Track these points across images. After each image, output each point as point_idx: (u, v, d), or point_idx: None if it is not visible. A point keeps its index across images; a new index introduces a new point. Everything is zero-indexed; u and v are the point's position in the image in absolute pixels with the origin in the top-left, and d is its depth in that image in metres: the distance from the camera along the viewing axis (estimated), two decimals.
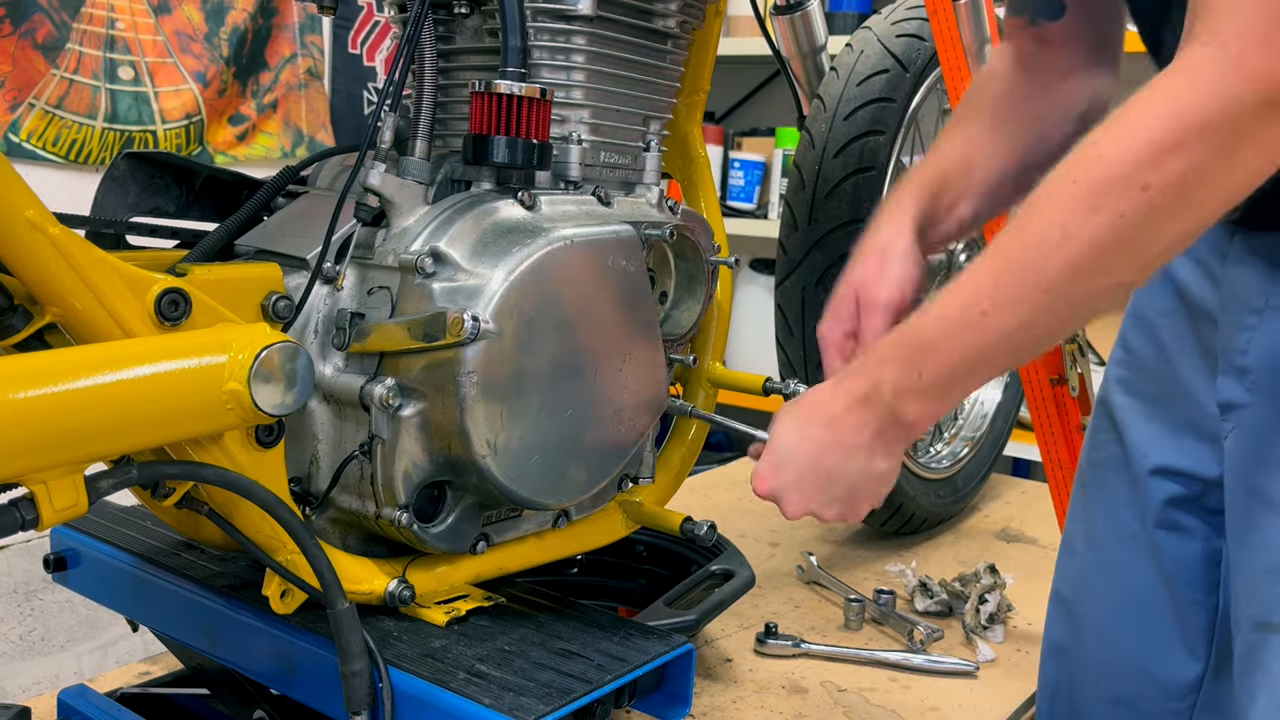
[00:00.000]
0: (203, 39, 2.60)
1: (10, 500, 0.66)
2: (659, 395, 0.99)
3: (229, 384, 0.71)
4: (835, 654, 1.19)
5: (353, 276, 0.88)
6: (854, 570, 1.45)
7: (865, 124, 1.33)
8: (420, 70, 0.92)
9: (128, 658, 2.19)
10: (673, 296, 1.07)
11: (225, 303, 0.78)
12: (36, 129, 2.34)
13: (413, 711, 0.79)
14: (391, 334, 0.83)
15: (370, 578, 0.87)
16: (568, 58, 0.94)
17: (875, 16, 1.45)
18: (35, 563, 2.04)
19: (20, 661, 2.12)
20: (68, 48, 2.37)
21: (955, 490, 1.66)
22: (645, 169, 1.03)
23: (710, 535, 1.06)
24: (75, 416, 0.65)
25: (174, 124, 2.56)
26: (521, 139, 0.87)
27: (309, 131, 2.86)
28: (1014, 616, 1.32)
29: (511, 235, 0.86)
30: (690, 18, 1.03)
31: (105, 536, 1.01)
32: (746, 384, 1.14)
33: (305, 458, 0.89)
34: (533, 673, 0.81)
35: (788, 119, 3.30)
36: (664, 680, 0.90)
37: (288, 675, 0.87)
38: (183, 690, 1.07)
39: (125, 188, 0.91)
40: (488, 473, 0.85)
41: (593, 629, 0.90)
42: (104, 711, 0.96)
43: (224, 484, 0.76)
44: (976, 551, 1.56)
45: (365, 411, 0.85)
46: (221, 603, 0.90)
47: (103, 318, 0.71)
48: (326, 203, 0.88)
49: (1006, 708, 1.11)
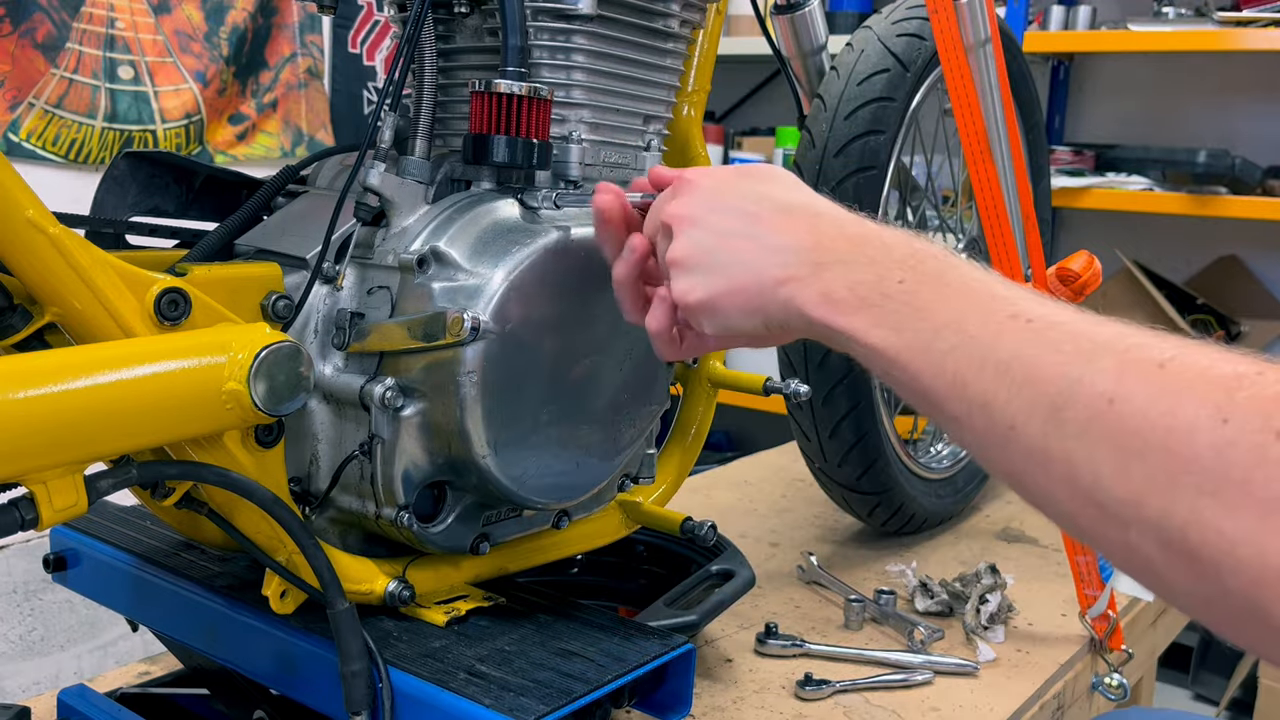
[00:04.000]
0: (202, 38, 2.60)
1: (10, 500, 0.66)
2: (659, 395, 0.99)
3: (229, 384, 0.71)
4: (835, 654, 1.19)
5: (352, 276, 0.88)
6: (854, 570, 1.45)
7: (866, 123, 1.33)
8: (420, 70, 0.92)
9: (128, 658, 2.19)
10: None
11: (225, 302, 0.78)
12: (36, 128, 2.34)
13: (413, 711, 0.79)
14: (391, 334, 0.83)
15: (370, 578, 0.87)
16: (568, 57, 0.94)
17: (875, 16, 1.45)
18: (35, 563, 2.04)
19: (20, 661, 2.12)
20: (68, 47, 2.37)
21: (956, 490, 1.66)
22: (645, 169, 1.03)
23: (710, 535, 1.06)
24: (75, 416, 0.65)
25: (174, 123, 2.56)
26: (521, 138, 0.87)
27: (309, 131, 2.86)
28: (1014, 617, 1.32)
29: (511, 235, 0.86)
30: (691, 17, 1.03)
31: (105, 536, 1.01)
32: (747, 384, 1.14)
33: (305, 458, 0.89)
34: (533, 673, 0.81)
35: (788, 118, 3.30)
36: (664, 680, 0.90)
37: (288, 675, 0.87)
38: (183, 690, 1.07)
39: (125, 187, 0.91)
40: (488, 473, 0.85)
41: (593, 629, 0.90)
42: (104, 711, 0.96)
43: (224, 484, 0.76)
44: (977, 551, 1.56)
45: (365, 411, 0.85)
46: (221, 603, 0.90)
47: (103, 317, 0.71)
48: (326, 202, 0.88)
49: (1007, 708, 1.11)
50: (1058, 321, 0.55)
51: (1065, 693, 1.21)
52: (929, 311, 0.60)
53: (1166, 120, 3.09)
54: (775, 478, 1.87)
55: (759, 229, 0.69)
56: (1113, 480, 0.49)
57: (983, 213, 1.27)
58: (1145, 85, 3.12)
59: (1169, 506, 0.47)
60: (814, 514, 1.68)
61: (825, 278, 0.65)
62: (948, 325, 0.59)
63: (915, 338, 0.60)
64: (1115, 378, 0.50)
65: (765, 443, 2.20)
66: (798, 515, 1.67)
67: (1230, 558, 0.45)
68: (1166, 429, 0.48)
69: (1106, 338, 0.53)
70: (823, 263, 0.65)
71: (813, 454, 1.43)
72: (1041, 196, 1.77)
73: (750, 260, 0.68)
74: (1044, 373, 0.53)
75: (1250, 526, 0.44)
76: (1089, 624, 1.25)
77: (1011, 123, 1.38)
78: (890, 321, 0.61)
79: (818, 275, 0.65)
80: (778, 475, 1.89)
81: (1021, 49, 1.69)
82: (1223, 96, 3.01)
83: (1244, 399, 0.46)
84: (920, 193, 1.58)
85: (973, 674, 1.18)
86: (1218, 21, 2.60)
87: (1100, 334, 0.53)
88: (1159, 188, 2.78)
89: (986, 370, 0.56)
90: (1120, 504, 0.49)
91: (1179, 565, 0.47)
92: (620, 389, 0.94)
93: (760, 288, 0.67)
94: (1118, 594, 1.24)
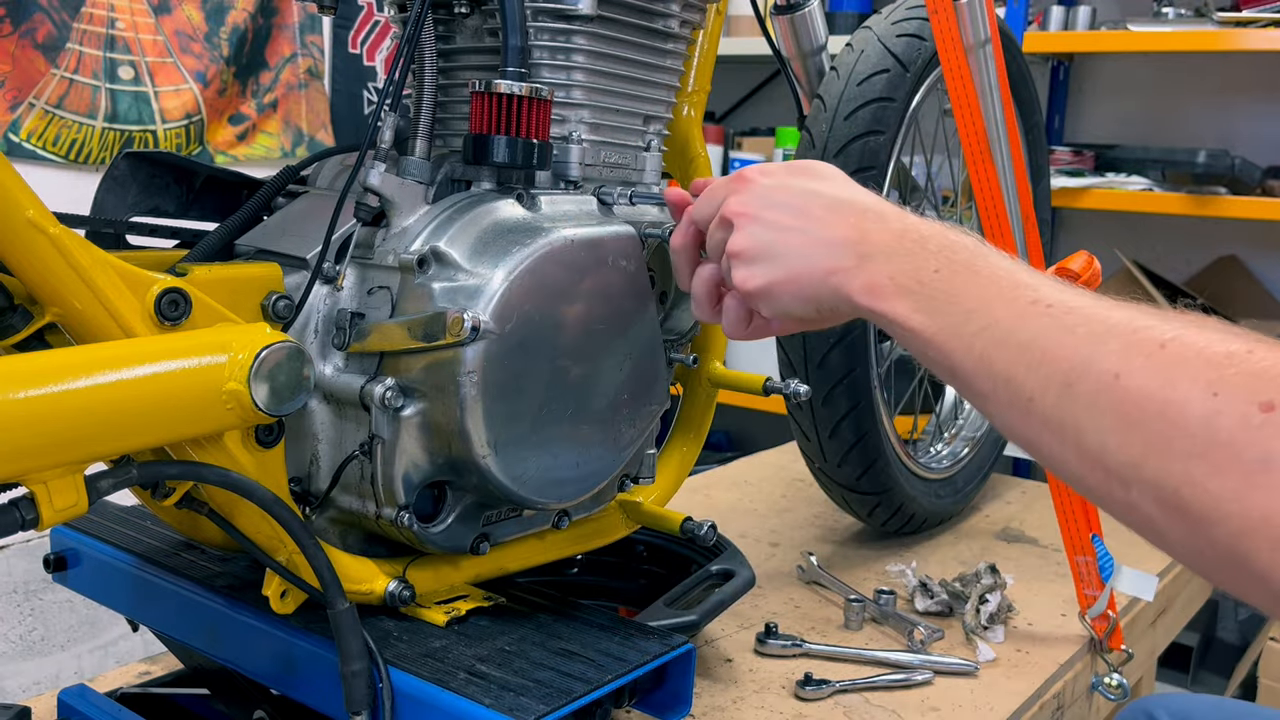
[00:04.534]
0: (203, 39, 2.60)
1: (10, 500, 0.66)
2: (659, 395, 0.99)
3: (229, 384, 0.71)
4: (835, 654, 1.19)
5: (353, 276, 0.88)
6: (854, 570, 1.45)
7: (865, 124, 1.33)
8: (420, 70, 0.92)
9: (128, 658, 2.19)
10: (673, 296, 1.07)
11: (225, 302, 0.78)
12: (36, 129, 2.34)
13: (413, 711, 0.79)
14: (391, 334, 0.83)
15: (370, 578, 0.87)
16: (568, 57, 0.94)
17: (875, 16, 1.45)
18: (35, 563, 2.04)
19: (20, 661, 2.12)
20: (68, 47, 2.37)
21: (956, 490, 1.66)
22: (645, 169, 1.03)
23: (710, 535, 1.06)
24: (75, 416, 0.65)
25: (174, 124, 2.56)
26: (521, 139, 0.87)
27: (309, 131, 2.86)
28: (1014, 617, 1.32)
29: (511, 235, 0.86)
30: (691, 17, 1.03)
31: (105, 536, 1.01)
32: (747, 384, 1.14)
33: (305, 458, 0.89)
34: (533, 673, 0.81)
35: (788, 119, 3.30)
36: (664, 680, 0.90)
37: (288, 675, 0.87)
38: (183, 690, 1.07)
39: (125, 187, 0.91)
40: (488, 473, 0.85)
41: (593, 629, 0.90)
42: (104, 711, 0.96)
43: (224, 484, 0.76)
44: (977, 551, 1.56)
45: (365, 411, 0.85)
46: (221, 603, 0.90)
47: (103, 318, 0.71)
48: (326, 202, 0.88)
49: (1007, 708, 1.11)
50: (1074, 307, 0.62)
51: (1065, 693, 1.21)
52: (960, 298, 0.67)
53: (1166, 120, 3.09)
54: (775, 478, 1.87)
55: (809, 223, 0.76)
56: (1116, 446, 0.56)
57: (983, 213, 1.27)
58: (1145, 85, 3.12)
59: (1165, 468, 0.54)
60: (814, 514, 1.68)
61: (869, 268, 0.72)
62: (976, 310, 0.66)
63: (948, 321, 0.67)
64: (1121, 356, 0.57)
65: (765, 443, 2.20)
66: (798, 515, 1.67)
67: (1216, 513, 0.51)
68: (1164, 401, 0.54)
69: (1117, 320, 0.59)
70: (867, 254, 0.72)
71: (813, 454, 1.43)
72: (1041, 196, 1.77)
73: (802, 252, 0.75)
74: (1059, 352, 0.60)
75: (1234, 486, 0.51)
76: (1089, 624, 1.26)
77: (1011, 123, 1.38)
78: (926, 307, 0.68)
79: (862, 266, 0.72)
80: (778, 475, 1.89)
81: (1021, 49, 1.69)
82: (1223, 97, 3.01)
83: (1232, 375, 0.52)
84: (920, 193, 1.58)
85: (972, 674, 1.18)
86: (1217, 21, 2.60)
87: (1112, 317, 0.59)
88: (1159, 188, 2.78)
89: (1009, 350, 0.63)
90: (1122, 466, 0.56)
91: (1173, 520, 0.54)
92: (620, 389, 0.94)
93: (812, 277, 0.75)
94: (1117, 594, 1.24)
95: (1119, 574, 1.23)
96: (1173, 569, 1.57)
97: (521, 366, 0.85)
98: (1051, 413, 0.60)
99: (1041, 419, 0.61)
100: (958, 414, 1.79)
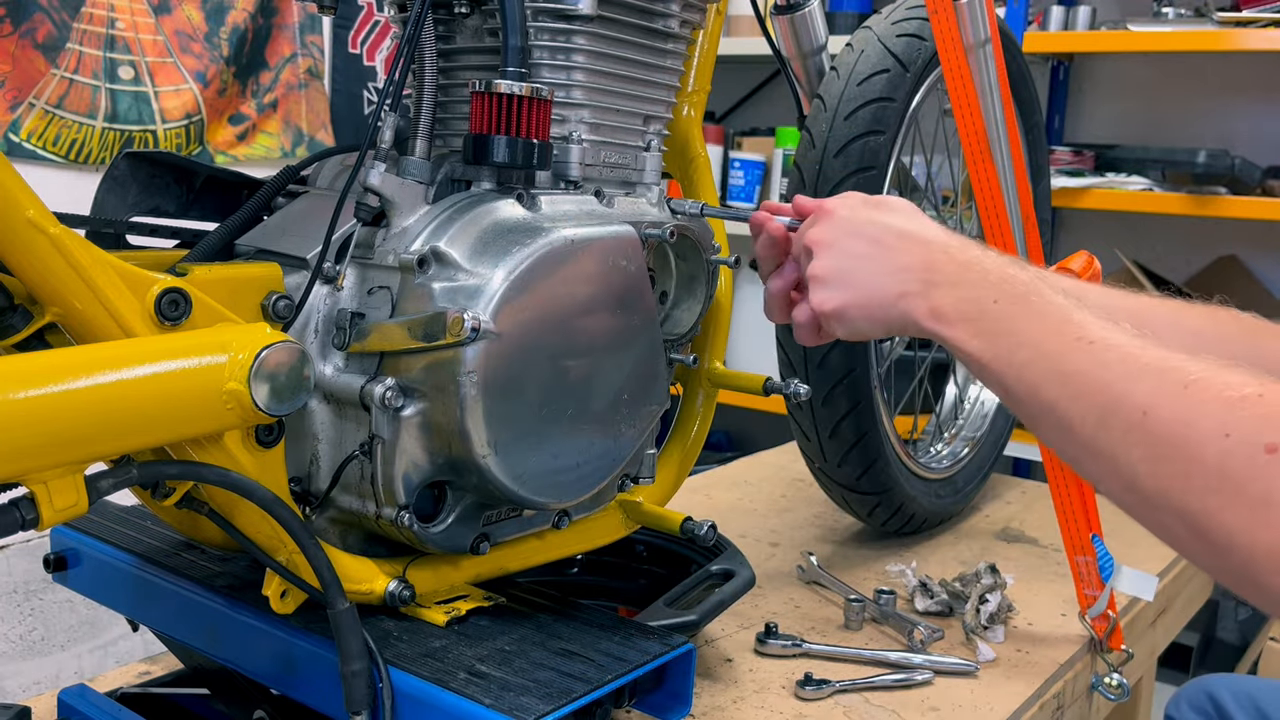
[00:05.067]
0: (203, 39, 2.60)
1: (10, 500, 0.66)
2: (659, 395, 0.99)
3: (229, 384, 0.71)
4: (835, 654, 1.19)
5: (353, 276, 0.88)
6: (854, 570, 1.45)
7: (866, 124, 1.33)
8: (420, 70, 0.92)
9: (128, 658, 2.19)
10: (673, 296, 1.07)
11: (225, 302, 0.78)
12: (36, 129, 2.34)
13: (413, 711, 0.79)
14: (391, 334, 0.83)
15: (370, 578, 0.87)
16: (568, 57, 0.94)
17: (875, 16, 1.45)
18: (35, 563, 2.05)
19: (20, 661, 2.12)
20: (68, 47, 2.37)
21: (956, 490, 1.66)
22: (645, 169, 1.03)
23: (710, 535, 1.06)
24: (75, 416, 0.65)
25: (174, 124, 2.56)
26: (521, 139, 0.87)
27: (309, 131, 2.87)
28: (1014, 617, 1.32)
29: (511, 235, 0.86)
30: (691, 17, 1.03)
31: (105, 536, 1.01)
32: (747, 384, 1.14)
33: (305, 457, 0.89)
34: (533, 673, 0.81)
35: (788, 119, 3.30)
36: (664, 680, 0.90)
37: (288, 675, 0.87)
38: (183, 690, 1.07)
39: (125, 187, 0.91)
40: (488, 473, 0.85)
41: (593, 629, 0.90)
42: (104, 711, 0.96)
43: (224, 484, 0.76)
44: (977, 551, 1.56)
45: (365, 411, 0.85)
46: (221, 603, 0.90)
47: (103, 318, 0.71)
48: (326, 202, 0.88)
49: (1007, 708, 1.11)
50: (1114, 344, 0.68)
51: (1065, 693, 1.21)
52: (1013, 328, 0.74)
53: (1166, 120, 3.09)
54: (775, 478, 1.87)
55: (882, 252, 0.83)
56: (1146, 476, 0.62)
57: (982, 213, 1.27)
58: (1145, 85, 3.12)
59: (1187, 500, 0.60)
60: (814, 514, 1.68)
61: (934, 295, 0.79)
62: (1026, 343, 0.72)
63: (1002, 349, 0.74)
64: (1150, 395, 0.63)
65: (765, 443, 2.20)
66: (798, 515, 1.67)
67: (1229, 541, 0.58)
68: (1184, 439, 0.60)
69: (1149, 360, 0.65)
70: (933, 282, 0.80)
71: (813, 454, 1.43)
72: (1041, 196, 1.77)
73: (874, 278, 0.83)
74: (1096, 386, 0.66)
75: (1244, 518, 0.57)
76: (1089, 624, 1.25)
77: (1011, 123, 1.38)
78: (984, 334, 0.75)
79: (928, 293, 0.80)
80: (778, 475, 1.89)
81: (1021, 49, 1.69)
82: (1223, 96, 3.01)
83: (1244, 417, 0.58)
84: (920, 193, 1.58)
85: (972, 674, 1.18)
86: (1217, 21, 2.60)
87: (1146, 356, 0.65)
88: (1159, 188, 2.78)
89: (1053, 380, 0.70)
90: (1152, 494, 0.62)
91: (1199, 545, 0.61)
92: (620, 389, 0.94)
93: (882, 301, 0.82)
94: (1117, 594, 1.24)
95: (1119, 574, 1.22)
96: (1173, 569, 1.57)
97: (522, 366, 0.85)
98: (1090, 441, 0.66)
99: (1081, 445, 0.67)
100: (958, 414, 1.79)
